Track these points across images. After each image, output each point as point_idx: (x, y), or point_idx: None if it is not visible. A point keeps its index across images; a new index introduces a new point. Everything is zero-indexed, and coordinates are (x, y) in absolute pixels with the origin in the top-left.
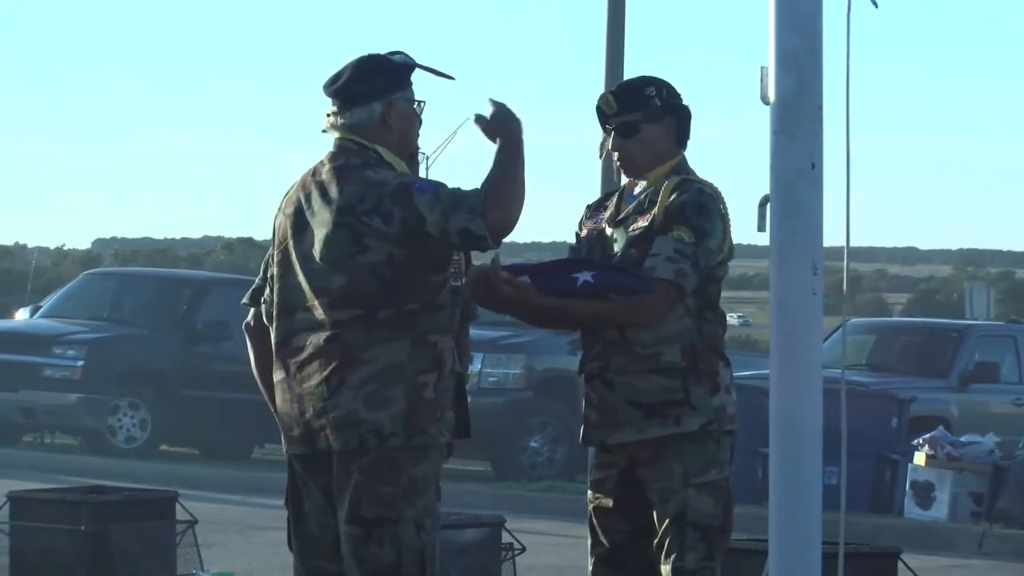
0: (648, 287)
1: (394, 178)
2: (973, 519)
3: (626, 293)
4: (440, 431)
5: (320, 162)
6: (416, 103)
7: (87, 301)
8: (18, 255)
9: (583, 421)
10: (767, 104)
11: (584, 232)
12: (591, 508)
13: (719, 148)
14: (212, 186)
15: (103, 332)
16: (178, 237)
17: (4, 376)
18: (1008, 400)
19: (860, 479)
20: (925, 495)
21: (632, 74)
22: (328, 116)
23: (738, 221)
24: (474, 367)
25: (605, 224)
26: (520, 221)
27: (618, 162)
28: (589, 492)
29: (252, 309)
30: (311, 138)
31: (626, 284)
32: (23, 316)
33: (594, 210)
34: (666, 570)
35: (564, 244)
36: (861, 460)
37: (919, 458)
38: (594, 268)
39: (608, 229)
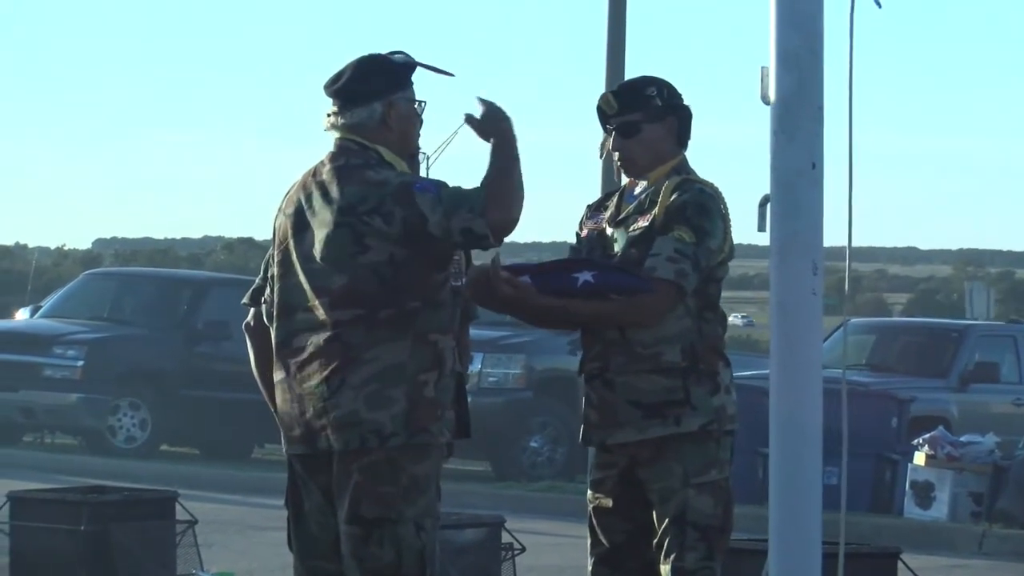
0: (648, 287)
1: (395, 178)
2: (973, 519)
3: (626, 293)
4: (441, 430)
5: (320, 162)
6: (417, 103)
7: (87, 301)
8: (18, 255)
9: (583, 421)
10: (767, 104)
11: (584, 232)
12: (591, 508)
13: (719, 148)
14: (212, 186)
15: (103, 332)
16: (178, 237)
17: (4, 376)
18: (1008, 400)
19: (860, 479)
20: (925, 495)
21: (633, 74)
22: (328, 116)
23: (738, 221)
24: (474, 367)
25: (605, 224)
26: (520, 221)
27: (619, 162)
28: (589, 492)
29: (252, 309)
30: (311, 138)
31: (626, 284)
32: (23, 316)
33: (594, 210)
34: (666, 570)
35: (564, 244)
36: (861, 460)
37: (919, 458)
38: (594, 268)
39: (608, 229)
